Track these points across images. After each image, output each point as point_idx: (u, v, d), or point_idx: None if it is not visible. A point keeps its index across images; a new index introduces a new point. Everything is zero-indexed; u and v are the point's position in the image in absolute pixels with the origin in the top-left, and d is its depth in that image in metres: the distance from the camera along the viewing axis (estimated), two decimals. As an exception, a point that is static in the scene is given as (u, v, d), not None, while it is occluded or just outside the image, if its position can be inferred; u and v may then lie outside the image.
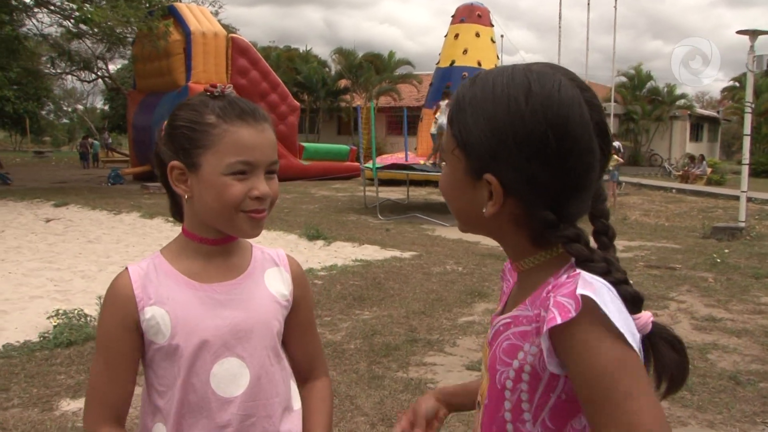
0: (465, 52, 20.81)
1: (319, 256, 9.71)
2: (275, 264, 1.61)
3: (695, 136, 41.57)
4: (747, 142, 12.28)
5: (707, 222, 13.75)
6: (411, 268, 8.57)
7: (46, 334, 5.47)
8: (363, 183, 16.83)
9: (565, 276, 1.05)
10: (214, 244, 1.50)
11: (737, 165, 30.42)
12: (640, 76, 39.18)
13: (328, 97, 38.79)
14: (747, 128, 12.14)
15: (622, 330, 0.96)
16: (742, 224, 11.97)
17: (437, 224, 13.40)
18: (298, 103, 23.76)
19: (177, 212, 1.57)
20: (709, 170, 26.64)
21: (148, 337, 1.45)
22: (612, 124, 24.46)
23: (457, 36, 21.25)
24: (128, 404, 1.48)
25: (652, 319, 1.05)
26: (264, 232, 7.62)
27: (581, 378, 0.98)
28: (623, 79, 38.54)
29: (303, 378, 1.67)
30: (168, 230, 11.65)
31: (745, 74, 18.23)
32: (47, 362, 4.94)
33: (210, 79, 19.95)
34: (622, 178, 19.83)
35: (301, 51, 41.81)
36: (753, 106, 12.88)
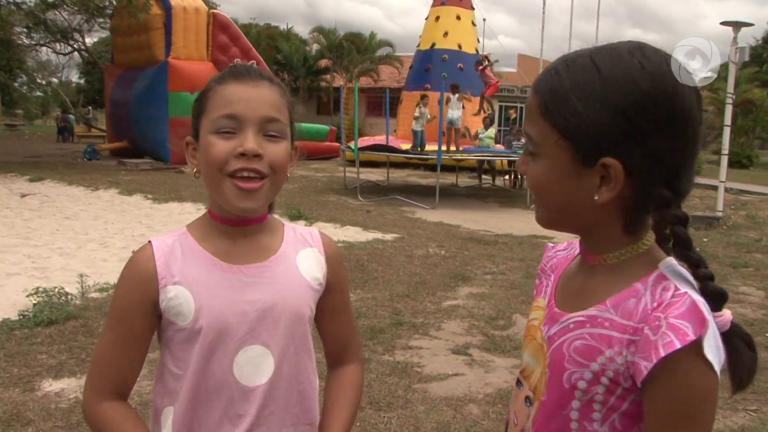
0: (445, 34, 20.65)
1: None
2: (308, 244, 1.50)
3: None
4: (727, 133, 12.36)
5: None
6: (393, 251, 8.55)
7: (26, 312, 5.37)
8: (343, 164, 16.75)
9: (660, 289, 1.05)
10: (237, 225, 1.40)
11: (712, 155, 30.77)
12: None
13: (309, 77, 38.38)
14: (727, 119, 12.21)
15: (714, 362, 0.99)
16: (719, 214, 12.09)
17: (417, 206, 13.41)
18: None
19: None
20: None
21: (168, 317, 1.37)
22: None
23: (437, 18, 21.07)
24: (133, 381, 1.42)
25: (731, 318, 1.06)
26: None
27: (671, 401, 1.00)
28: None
29: (333, 362, 1.60)
30: (147, 207, 11.53)
31: (722, 65, 18.34)
32: (27, 341, 4.86)
33: (190, 55, 19.71)
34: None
35: (281, 29, 41.44)
36: (734, 97, 12.95)
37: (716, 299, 1.04)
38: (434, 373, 4.58)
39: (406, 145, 16.87)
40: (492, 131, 18.45)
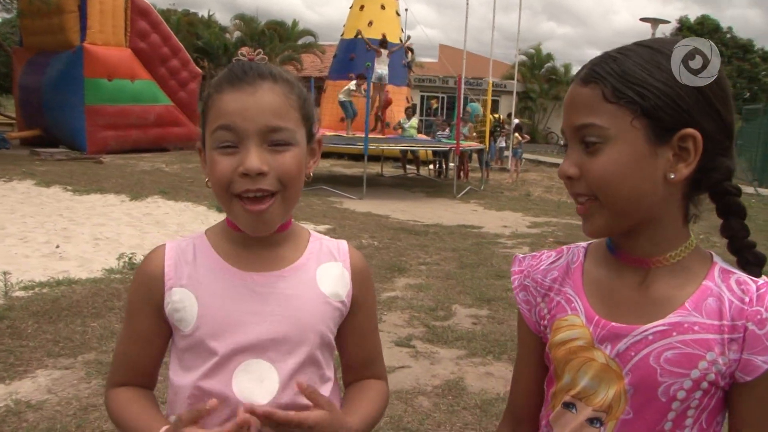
0: (370, 24, 20.63)
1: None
2: (333, 258, 1.39)
3: (589, 115, 42.69)
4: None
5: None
6: (326, 243, 8.44)
7: (-54, 311, 5.06)
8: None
9: (734, 283, 1.09)
10: (255, 235, 1.29)
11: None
12: (539, 56, 40.18)
13: (229, 65, 37.63)
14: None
15: None
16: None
17: (345, 197, 13.35)
18: (199, 70, 22.98)
19: None
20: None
21: (173, 323, 1.30)
22: (513, 103, 24.92)
23: (362, 8, 21.04)
24: (153, 375, 1.38)
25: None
26: (171, 203, 7.36)
27: None
28: (523, 57, 39.39)
29: (352, 380, 1.48)
30: (67, 200, 11.07)
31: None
32: (-50, 342, 4.58)
33: (107, 40, 18.98)
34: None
35: (200, 16, 40.52)
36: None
37: (760, 263, 1.11)
38: (380, 366, 4.54)
39: (331, 133, 16.80)
40: (415, 121, 18.57)
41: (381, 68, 16.15)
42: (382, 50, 16.27)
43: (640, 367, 1.09)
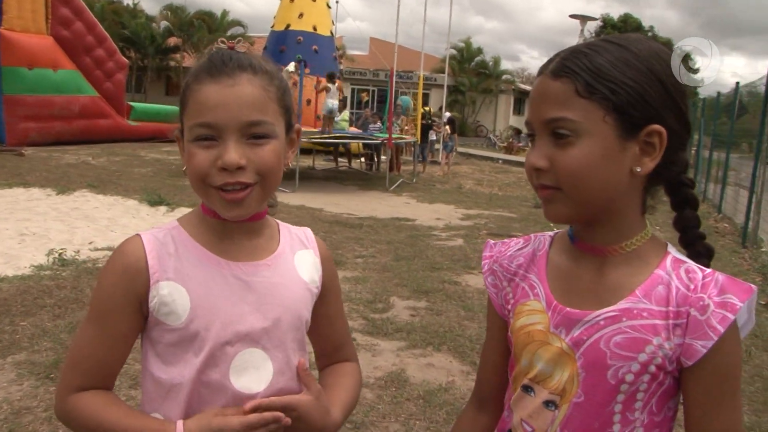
0: (300, 16, 20.48)
1: (164, 222, 9.23)
2: (304, 246, 1.43)
3: (518, 109, 43.82)
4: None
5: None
6: (262, 236, 8.38)
7: None
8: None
9: (683, 272, 1.14)
10: (233, 222, 1.30)
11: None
12: (469, 50, 40.66)
13: (157, 56, 36.93)
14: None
15: (742, 330, 1.12)
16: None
17: (277, 190, 13.22)
18: (126, 60, 22.38)
19: None
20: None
21: (157, 317, 1.27)
22: (443, 95, 25.15)
23: (293, -1, 20.88)
24: (114, 376, 1.32)
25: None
26: (100, 197, 7.19)
27: (720, 374, 1.09)
28: (453, 51, 39.81)
29: (325, 364, 1.52)
30: (-13, 193, 10.67)
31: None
32: None
33: (26, 27, 18.25)
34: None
35: (126, 4, 39.52)
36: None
37: (709, 255, 1.19)
38: (322, 360, 4.55)
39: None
40: (346, 114, 18.55)
41: (332, 101, 16.23)
42: (331, 85, 16.23)
43: (591, 350, 1.15)
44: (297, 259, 1.40)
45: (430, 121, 19.61)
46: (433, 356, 4.77)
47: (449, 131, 19.83)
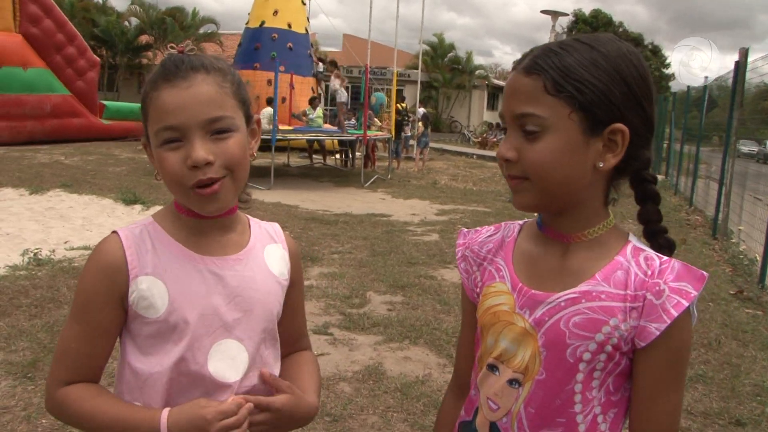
0: (275, 13, 20.44)
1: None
2: (273, 240, 1.49)
3: (491, 104, 43.97)
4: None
5: (510, 187, 14.73)
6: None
7: None
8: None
9: (642, 259, 1.20)
10: (206, 218, 1.36)
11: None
12: (442, 45, 40.78)
13: (128, 53, 36.59)
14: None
15: (694, 316, 1.18)
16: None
17: (253, 187, 13.01)
18: (97, 58, 22.13)
19: None
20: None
21: (136, 311, 1.32)
22: (417, 91, 25.22)
23: (268, -4, 20.81)
24: (100, 370, 1.38)
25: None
26: (75, 196, 7.15)
27: (669, 358, 1.16)
28: (426, 47, 39.88)
29: (287, 352, 1.57)
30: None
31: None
32: None
33: (-7, 24, 17.99)
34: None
35: (95, 1, 39.07)
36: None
37: (670, 248, 1.25)
38: (300, 355, 4.59)
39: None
40: (320, 110, 18.54)
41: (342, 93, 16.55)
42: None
43: (552, 330, 1.22)
44: (266, 253, 1.46)
45: (404, 118, 19.67)
46: (410, 350, 4.83)
47: (422, 127, 19.92)
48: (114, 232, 1.36)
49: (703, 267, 6.85)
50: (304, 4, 22.02)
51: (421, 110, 21.86)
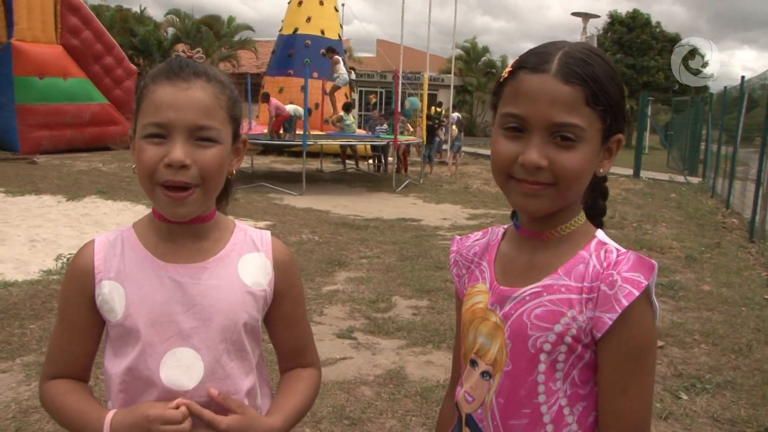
0: (308, 20, 20.61)
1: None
2: (256, 249, 1.47)
3: (526, 108, 43.35)
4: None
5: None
6: (268, 239, 8.45)
7: None
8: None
9: (603, 252, 1.23)
10: (179, 224, 1.38)
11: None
12: (475, 50, 40.67)
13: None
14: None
15: (656, 308, 1.19)
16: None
17: (285, 193, 13.35)
18: (134, 67, 22.55)
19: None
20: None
21: (102, 314, 1.38)
22: (450, 96, 25.17)
23: (300, 3, 20.96)
24: (86, 369, 1.44)
25: None
26: (110, 203, 7.26)
27: (627, 348, 1.18)
28: (460, 51, 39.82)
29: (286, 368, 1.57)
30: (0, 201, 10.83)
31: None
32: None
33: (37, 37, 18.46)
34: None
35: (134, 11, 39.69)
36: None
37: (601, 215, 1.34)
38: (323, 358, 4.62)
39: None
40: (354, 116, 18.60)
41: (345, 72, 16.49)
42: (338, 57, 16.40)
43: (516, 322, 1.25)
44: (242, 263, 1.44)
45: (436, 122, 19.63)
46: (433, 354, 4.84)
47: (456, 131, 19.86)
48: (93, 239, 1.42)
49: (737, 271, 6.80)
50: (337, 10, 22.15)
51: (455, 115, 21.79)
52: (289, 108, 15.52)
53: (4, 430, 3.47)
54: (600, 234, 1.29)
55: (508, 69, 1.25)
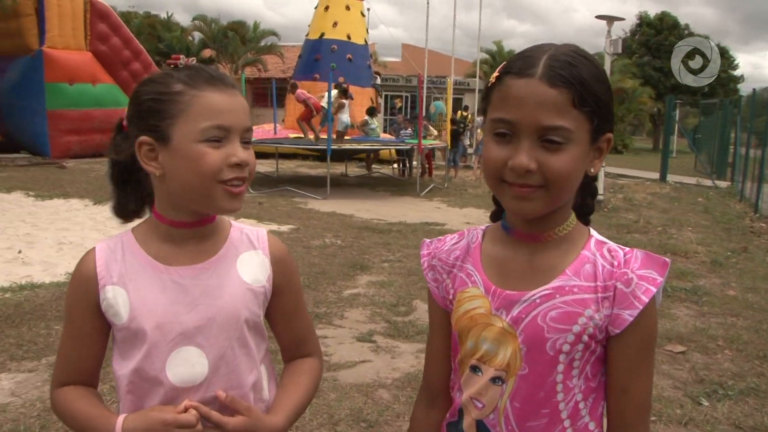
0: (335, 24, 20.68)
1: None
2: (252, 247, 1.51)
3: (552, 112, 43.12)
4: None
5: (567, 195, 14.55)
6: (291, 242, 8.54)
7: None
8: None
9: (606, 251, 1.28)
10: (185, 227, 1.43)
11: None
12: (501, 53, 40.54)
13: (192, 67, 37.34)
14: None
15: (658, 300, 1.25)
16: (601, 197, 12.75)
17: (309, 197, 13.42)
18: (162, 73, 22.78)
19: (122, 210, 1.49)
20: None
21: (108, 317, 1.42)
22: (475, 100, 25.14)
23: (327, 8, 21.05)
24: (95, 373, 1.49)
25: None
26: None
27: (641, 341, 1.25)
28: (485, 55, 39.72)
29: (289, 358, 1.62)
30: (30, 205, 11.00)
31: (597, 56, 19.33)
32: None
33: (67, 44, 18.80)
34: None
35: (161, 18, 40.18)
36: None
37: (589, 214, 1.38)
38: (342, 361, 4.67)
39: (293, 135, 16.84)
40: (378, 120, 18.62)
41: (347, 117, 16.23)
42: (345, 101, 16.18)
43: (530, 326, 1.26)
44: (240, 261, 1.49)
45: (461, 126, 19.60)
46: (452, 357, 4.82)
47: (481, 135, 19.82)
48: (94, 246, 1.46)
49: (764, 276, 6.70)
50: (364, 15, 22.22)
51: (480, 119, 21.76)
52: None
53: (29, 427, 3.54)
54: (594, 232, 1.33)
55: (495, 74, 1.26)
